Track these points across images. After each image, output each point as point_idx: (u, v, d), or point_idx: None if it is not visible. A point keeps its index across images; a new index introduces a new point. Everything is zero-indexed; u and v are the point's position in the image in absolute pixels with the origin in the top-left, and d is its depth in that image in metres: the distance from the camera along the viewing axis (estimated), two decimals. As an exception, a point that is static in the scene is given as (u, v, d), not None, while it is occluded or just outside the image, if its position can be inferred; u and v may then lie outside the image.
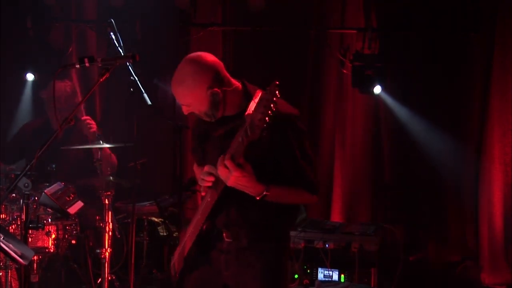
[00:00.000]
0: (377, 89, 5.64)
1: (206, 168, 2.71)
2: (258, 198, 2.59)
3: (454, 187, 5.79)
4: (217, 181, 2.66)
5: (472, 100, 5.72)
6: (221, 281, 2.85)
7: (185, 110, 2.76)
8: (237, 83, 2.75)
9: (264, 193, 2.58)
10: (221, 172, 2.54)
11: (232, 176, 2.50)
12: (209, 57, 2.73)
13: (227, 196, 2.68)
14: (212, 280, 2.87)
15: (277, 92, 2.38)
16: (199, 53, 2.77)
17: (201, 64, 2.70)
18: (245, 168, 2.51)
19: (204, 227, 2.81)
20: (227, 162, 2.49)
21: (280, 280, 2.87)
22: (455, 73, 5.75)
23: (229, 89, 2.71)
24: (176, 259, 3.01)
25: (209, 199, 2.74)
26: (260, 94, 2.45)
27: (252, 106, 2.47)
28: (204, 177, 2.71)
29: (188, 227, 2.94)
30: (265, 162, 2.63)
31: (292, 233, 4.86)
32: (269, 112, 2.35)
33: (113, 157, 4.82)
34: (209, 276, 2.87)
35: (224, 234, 2.82)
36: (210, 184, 2.70)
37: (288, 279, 3.38)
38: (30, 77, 5.76)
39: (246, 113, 2.45)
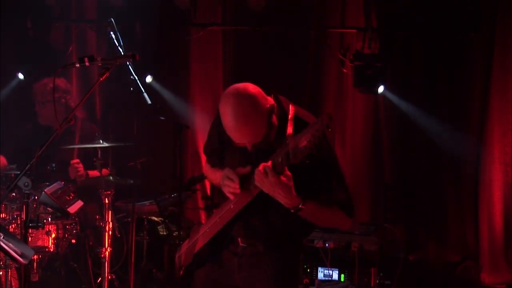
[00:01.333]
0: (381, 89, 5.64)
1: (226, 171, 2.68)
2: (292, 211, 2.55)
3: (454, 187, 5.79)
4: (246, 191, 2.64)
5: (472, 100, 5.72)
6: (233, 283, 2.84)
7: (249, 145, 2.65)
8: (269, 98, 2.68)
9: (300, 206, 2.54)
10: (259, 177, 2.50)
11: (269, 182, 2.47)
12: (253, 87, 2.63)
13: (252, 206, 2.66)
14: (223, 281, 2.87)
15: (329, 124, 2.36)
16: (243, 85, 2.64)
17: (253, 95, 2.59)
18: (285, 177, 2.48)
19: (221, 231, 2.80)
20: (268, 169, 2.46)
21: (292, 285, 2.88)
22: (455, 73, 5.75)
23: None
24: (183, 252, 3.00)
25: (232, 206, 2.72)
26: (293, 110, 2.50)
27: (290, 124, 2.50)
28: (227, 183, 2.67)
29: (203, 225, 2.93)
30: (300, 183, 2.56)
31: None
32: (316, 141, 2.34)
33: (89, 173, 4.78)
34: (220, 276, 2.87)
35: (239, 239, 2.81)
36: (235, 191, 2.66)
37: (298, 285, 3.38)
38: (20, 76, 5.76)
39: (288, 133, 2.48)
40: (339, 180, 2.72)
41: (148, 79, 5.77)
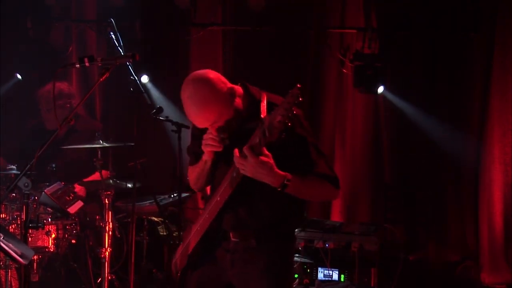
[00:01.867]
0: (381, 89, 5.64)
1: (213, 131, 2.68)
2: (279, 189, 2.54)
3: (454, 187, 5.79)
4: (231, 178, 2.64)
5: (472, 100, 5.72)
6: (226, 280, 2.84)
7: (212, 128, 2.69)
8: (237, 87, 2.73)
9: (285, 182, 2.53)
10: (239, 162, 2.51)
11: (250, 164, 2.47)
12: (211, 72, 2.71)
13: (237, 196, 2.67)
14: (216, 278, 2.87)
15: (299, 96, 2.38)
16: (200, 71, 2.74)
17: (210, 79, 2.66)
18: (265, 156, 2.48)
19: (212, 227, 2.80)
20: (246, 150, 2.47)
21: (286, 279, 2.86)
22: (455, 73, 5.75)
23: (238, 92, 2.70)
24: (178, 257, 3.00)
25: (218, 198, 2.73)
26: (265, 96, 2.49)
27: (263, 108, 2.50)
28: (208, 139, 2.68)
29: (193, 225, 2.93)
30: (281, 162, 2.57)
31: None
32: (290, 114, 2.36)
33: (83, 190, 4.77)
34: (213, 274, 2.87)
35: (230, 234, 2.81)
36: (215, 144, 2.66)
37: (293, 278, 3.38)
38: (18, 76, 5.77)
39: (262, 116, 2.48)
40: (317, 154, 2.72)
41: (144, 79, 5.76)
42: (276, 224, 2.75)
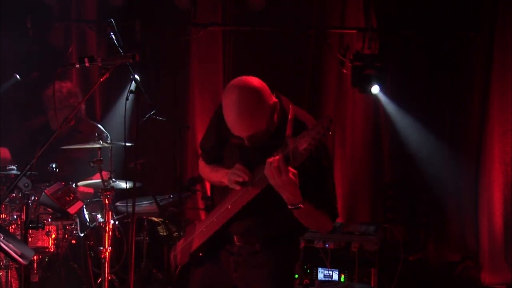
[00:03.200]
0: (375, 89, 5.64)
1: (239, 165, 2.67)
2: (290, 207, 2.54)
3: (454, 187, 5.79)
4: (248, 188, 2.63)
5: (472, 100, 5.72)
6: (230, 283, 2.84)
7: (247, 141, 2.65)
8: (275, 101, 2.67)
9: (300, 205, 2.53)
10: (270, 172, 2.47)
11: (283, 178, 2.44)
12: (259, 81, 2.64)
13: (250, 206, 2.66)
14: (220, 280, 2.87)
15: (329, 127, 2.35)
16: (249, 78, 2.65)
17: (259, 90, 2.60)
18: (293, 174, 2.47)
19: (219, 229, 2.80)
20: (281, 164, 2.43)
21: (289, 282, 2.88)
22: (455, 73, 5.75)
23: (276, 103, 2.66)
24: (179, 252, 2.99)
25: (230, 207, 2.72)
26: (292, 111, 2.49)
27: (290, 124, 2.48)
28: (237, 172, 2.65)
29: (199, 224, 2.92)
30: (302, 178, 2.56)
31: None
32: (317, 144, 2.35)
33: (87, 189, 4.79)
34: (217, 276, 2.87)
35: (235, 238, 2.82)
36: (242, 179, 2.64)
37: (295, 282, 3.39)
38: (17, 77, 5.77)
39: (287, 133, 2.46)
40: (332, 188, 2.74)
41: (144, 79, 5.75)
42: (283, 233, 2.79)
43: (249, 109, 2.54)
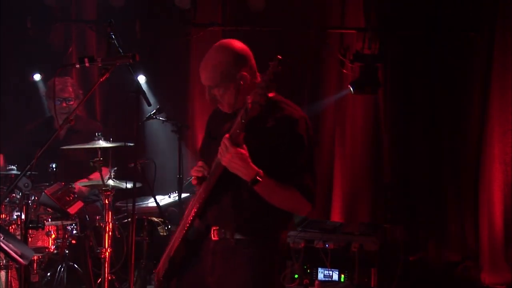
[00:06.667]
0: (375, 89, 5.65)
1: (199, 162, 2.73)
2: (250, 184, 2.49)
3: (454, 187, 5.79)
4: (212, 171, 2.62)
5: (472, 100, 5.72)
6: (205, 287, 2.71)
7: (209, 95, 2.77)
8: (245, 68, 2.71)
9: (257, 177, 2.47)
10: (221, 149, 2.51)
11: (228, 153, 2.46)
12: (238, 43, 2.80)
13: (220, 189, 2.62)
14: (196, 284, 2.76)
15: (278, 65, 2.39)
16: (232, 40, 2.80)
17: (238, 47, 2.75)
18: (241, 148, 2.47)
19: (195, 224, 2.72)
20: (225, 140, 2.47)
21: (269, 283, 2.71)
22: (455, 73, 5.75)
23: (255, 81, 2.65)
24: (161, 265, 2.91)
25: (201, 191, 2.69)
26: (275, 95, 2.51)
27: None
28: (196, 169, 2.71)
29: (178, 227, 2.86)
30: (264, 153, 2.54)
31: (292, 233, 4.86)
32: (270, 82, 2.36)
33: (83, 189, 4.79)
34: (193, 280, 2.76)
35: (211, 233, 2.70)
36: (199, 172, 2.68)
37: (279, 284, 3.24)
38: (37, 77, 5.78)
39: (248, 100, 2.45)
40: (306, 163, 2.62)
41: (144, 79, 5.76)
42: (258, 223, 2.64)
43: (210, 60, 2.68)
